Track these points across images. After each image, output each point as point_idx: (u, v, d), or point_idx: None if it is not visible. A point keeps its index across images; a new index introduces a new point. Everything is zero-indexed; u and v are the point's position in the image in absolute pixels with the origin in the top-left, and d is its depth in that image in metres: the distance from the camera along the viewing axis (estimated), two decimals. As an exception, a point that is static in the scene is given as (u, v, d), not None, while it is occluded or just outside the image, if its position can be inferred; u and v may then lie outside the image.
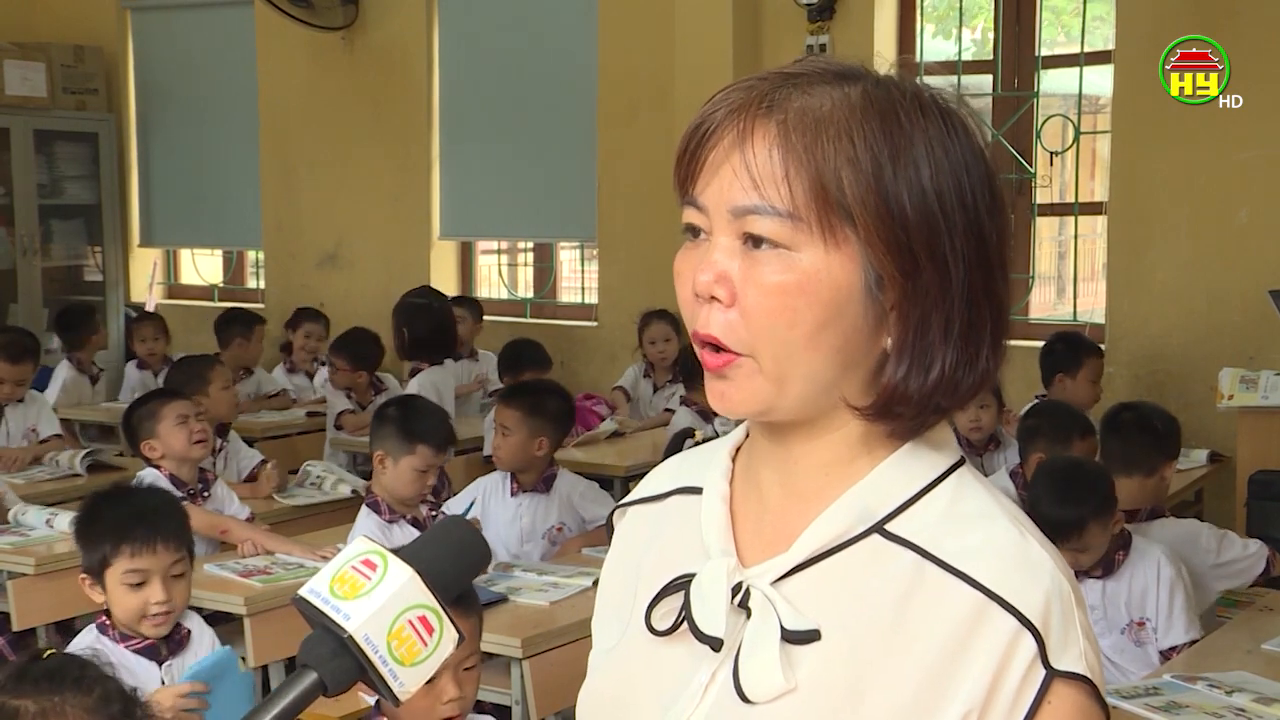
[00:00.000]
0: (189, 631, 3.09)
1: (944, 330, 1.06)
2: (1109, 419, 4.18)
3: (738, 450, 1.19)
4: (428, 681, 1.04)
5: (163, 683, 2.99)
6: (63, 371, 6.83)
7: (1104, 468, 3.65)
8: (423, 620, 1.02)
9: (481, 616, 2.65)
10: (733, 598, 1.09)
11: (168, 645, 3.05)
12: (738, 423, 1.19)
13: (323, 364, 7.11)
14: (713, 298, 1.06)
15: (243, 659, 3.30)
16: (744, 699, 1.07)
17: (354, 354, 6.27)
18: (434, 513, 4.07)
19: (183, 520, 3.19)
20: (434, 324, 5.97)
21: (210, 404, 4.91)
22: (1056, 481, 3.52)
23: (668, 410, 6.48)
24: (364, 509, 4.01)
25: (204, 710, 2.82)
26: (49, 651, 2.29)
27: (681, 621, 1.11)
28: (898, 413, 1.08)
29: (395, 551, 1.05)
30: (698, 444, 3.41)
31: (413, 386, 5.77)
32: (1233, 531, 4.10)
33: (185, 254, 9.40)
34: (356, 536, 3.85)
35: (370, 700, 2.47)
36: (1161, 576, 3.53)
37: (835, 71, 1.08)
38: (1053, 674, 1.02)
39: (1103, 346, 6.26)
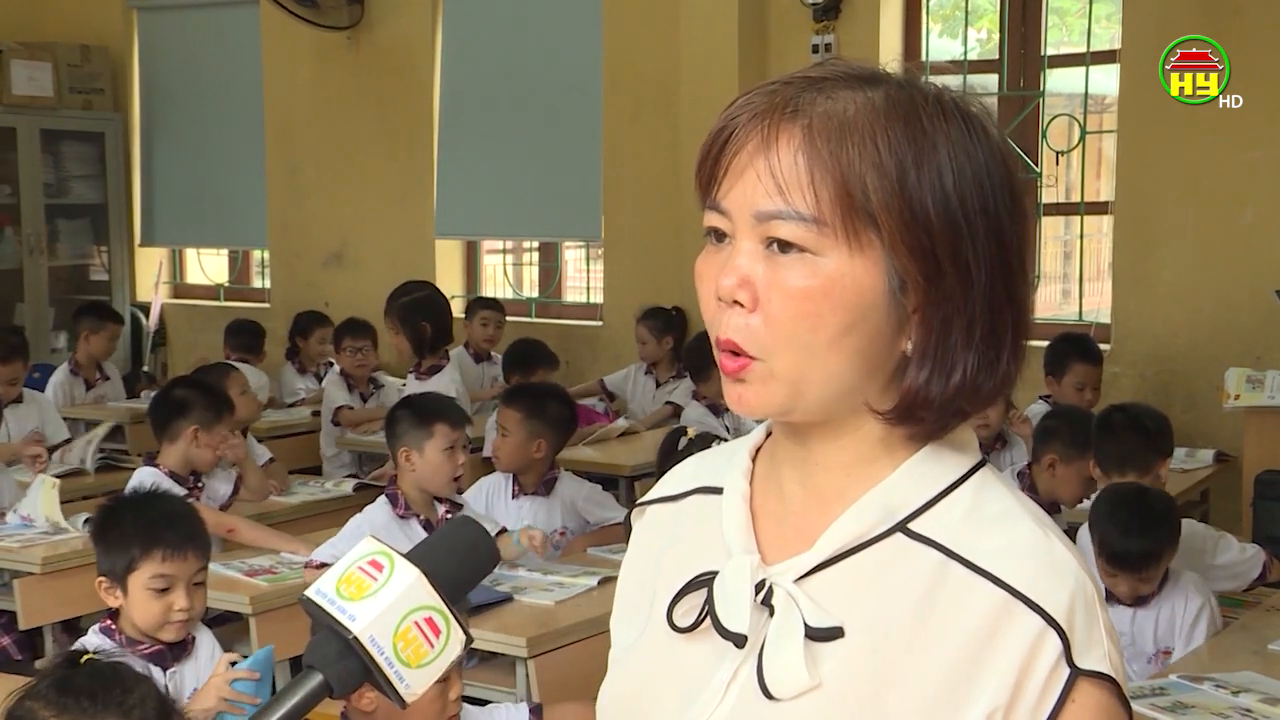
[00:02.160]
0: (194, 638, 3.09)
1: (966, 334, 1.07)
2: (1101, 422, 4.19)
3: (758, 450, 1.19)
4: (440, 680, 1.04)
5: (166, 689, 2.98)
6: (58, 375, 6.78)
7: (1169, 496, 3.62)
8: (429, 622, 1.02)
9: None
10: (755, 595, 1.09)
11: (173, 652, 3.03)
12: (757, 422, 1.19)
13: (331, 365, 7.11)
14: (735, 302, 1.06)
15: (243, 656, 3.29)
16: (768, 696, 1.07)
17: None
18: (448, 514, 4.05)
19: (205, 529, 3.20)
20: (446, 313, 5.96)
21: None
22: (1128, 513, 3.46)
23: (669, 403, 6.49)
24: (381, 499, 3.96)
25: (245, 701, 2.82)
26: (86, 656, 2.26)
27: (704, 618, 1.11)
28: (920, 417, 1.09)
29: (402, 552, 1.05)
30: (691, 441, 3.40)
31: (446, 383, 5.70)
32: (1232, 534, 4.08)
33: (191, 253, 9.40)
34: (363, 525, 3.82)
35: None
36: (1189, 607, 3.50)
37: (858, 75, 1.08)
38: (1077, 673, 1.03)
39: (1105, 347, 6.26)
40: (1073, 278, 6.93)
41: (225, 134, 8.85)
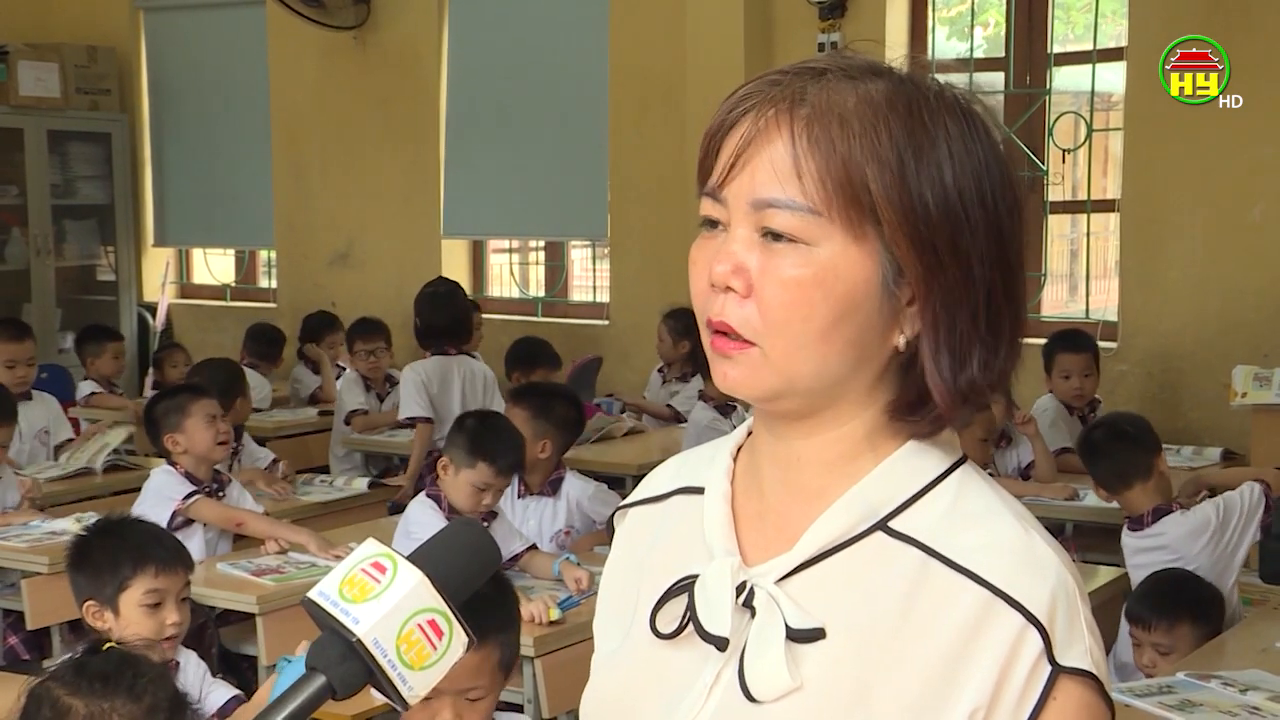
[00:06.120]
0: (178, 663, 3.09)
1: (971, 326, 1.07)
2: (1084, 447, 4.18)
3: (739, 450, 1.19)
4: (425, 699, 1.04)
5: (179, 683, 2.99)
6: (86, 386, 6.79)
7: (1216, 590, 3.63)
8: (432, 624, 1.02)
9: (509, 651, 2.37)
10: (737, 597, 1.09)
11: None
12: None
13: (343, 368, 7.11)
14: (729, 288, 1.06)
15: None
16: (750, 698, 1.07)
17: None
18: (484, 521, 4.00)
19: (185, 549, 3.26)
20: (445, 312, 5.98)
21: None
22: (1164, 590, 3.55)
23: (668, 406, 6.48)
24: (424, 498, 3.93)
25: None
26: (108, 645, 2.31)
27: (686, 624, 1.11)
28: (945, 416, 1.09)
29: (404, 554, 1.05)
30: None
31: (406, 376, 5.78)
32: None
33: (198, 254, 9.41)
34: (423, 526, 3.76)
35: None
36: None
37: (859, 67, 1.08)
38: (1058, 670, 1.03)
39: (1112, 345, 6.25)
40: (1079, 276, 6.91)
41: (231, 134, 8.85)
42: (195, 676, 3.09)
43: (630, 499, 1.27)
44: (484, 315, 7.37)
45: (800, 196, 1.04)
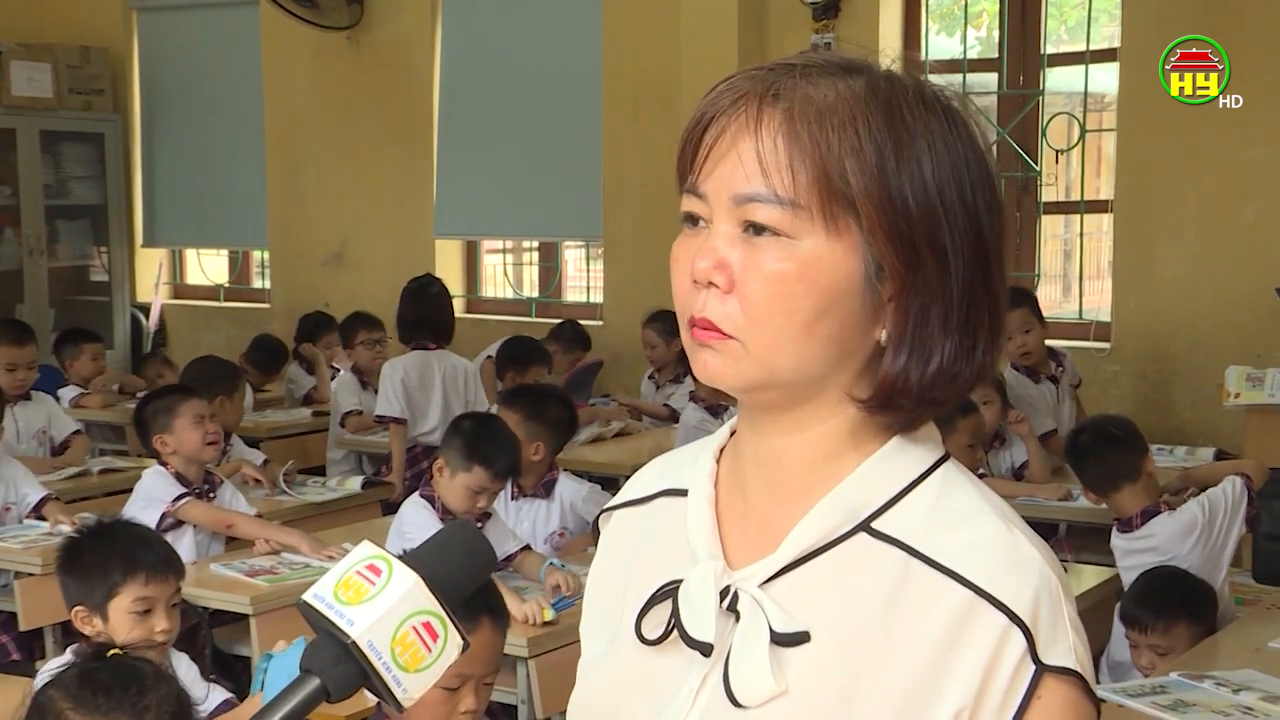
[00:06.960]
0: (169, 665, 3.07)
1: (943, 322, 1.07)
2: (1071, 450, 4.18)
3: (722, 451, 1.18)
4: (452, 690, 1.04)
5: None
6: (68, 391, 6.76)
7: (1209, 586, 3.64)
8: (427, 626, 1.01)
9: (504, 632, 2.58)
10: (721, 601, 1.09)
11: None
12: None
13: (337, 370, 7.10)
14: (711, 284, 1.06)
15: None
16: (735, 703, 1.07)
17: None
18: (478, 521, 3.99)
19: (177, 553, 3.24)
20: (420, 306, 5.97)
21: (219, 409, 4.92)
22: (1157, 588, 3.57)
23: (665, 405, 6.48)
24: (417, 498, 3.91)
25: None
26: (112, 651, 2.29)
27: (671, 630, 1.11)
28: (898, 404, 1.08)
29: (399, 556, 1.05)
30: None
31: (384, 372, 5.78)
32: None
33: (191, 254, 9.41)
34: (419, 528, 3.76)
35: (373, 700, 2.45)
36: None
37: (839, 64, 1.08)
38: (1042, 669, 1.03)
39: (1106, 345, 6.26)
40: (1073, 276, 6.93)
41: (225, 134, 8.84)
42: (186, 680, 3.07)
43: (614, 501, 1.27)
44: (478, 316, 7.38)
45: (780, 190, 1.04)
